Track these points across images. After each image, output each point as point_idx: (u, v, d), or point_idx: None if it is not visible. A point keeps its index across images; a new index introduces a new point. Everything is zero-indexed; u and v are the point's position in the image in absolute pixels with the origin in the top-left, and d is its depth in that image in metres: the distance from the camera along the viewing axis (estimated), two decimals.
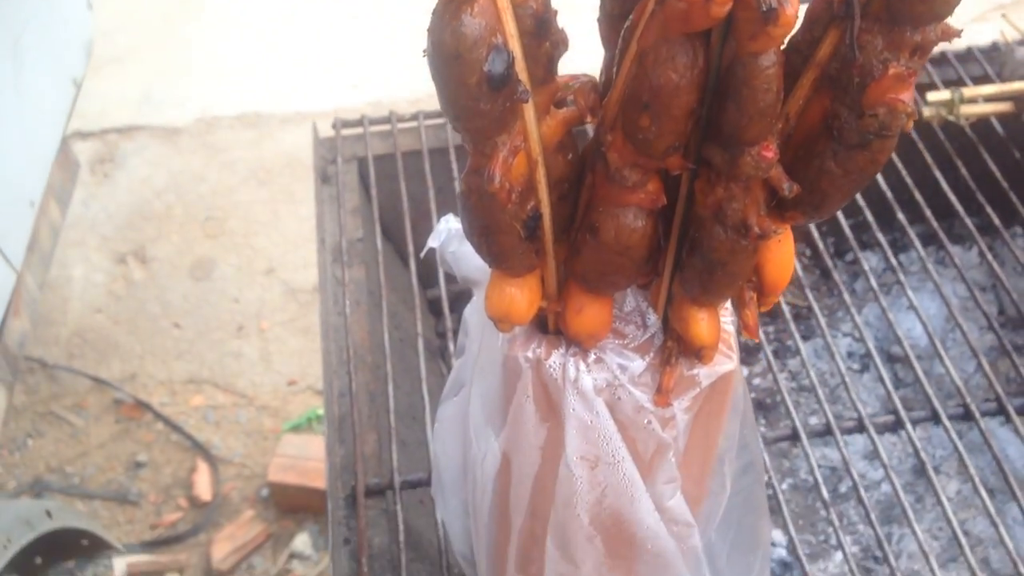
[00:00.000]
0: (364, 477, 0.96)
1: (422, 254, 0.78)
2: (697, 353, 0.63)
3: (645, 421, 0.66)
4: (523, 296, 0.61)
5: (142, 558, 2.24)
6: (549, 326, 0.66)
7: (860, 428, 0.97)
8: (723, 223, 0.55)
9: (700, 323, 0.62)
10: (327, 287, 1.11)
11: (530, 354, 0.65)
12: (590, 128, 0.57)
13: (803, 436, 0.97)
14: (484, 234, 0.57)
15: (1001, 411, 0.96)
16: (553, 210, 0.58)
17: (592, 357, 0.65)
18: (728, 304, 0.69)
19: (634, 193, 0.55)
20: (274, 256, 2.73)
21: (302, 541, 2.26)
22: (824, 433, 0.98)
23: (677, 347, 0.65)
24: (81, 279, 2.69)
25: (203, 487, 2.36)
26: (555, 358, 0.65)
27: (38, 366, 2.53)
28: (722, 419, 0.68)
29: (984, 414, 0.96)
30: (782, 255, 0.61)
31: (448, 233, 0.77)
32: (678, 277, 0.61)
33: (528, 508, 0.73)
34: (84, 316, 2.63)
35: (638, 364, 0.65)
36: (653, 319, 0.67)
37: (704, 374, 0.65)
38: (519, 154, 0.53)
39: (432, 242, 0.78)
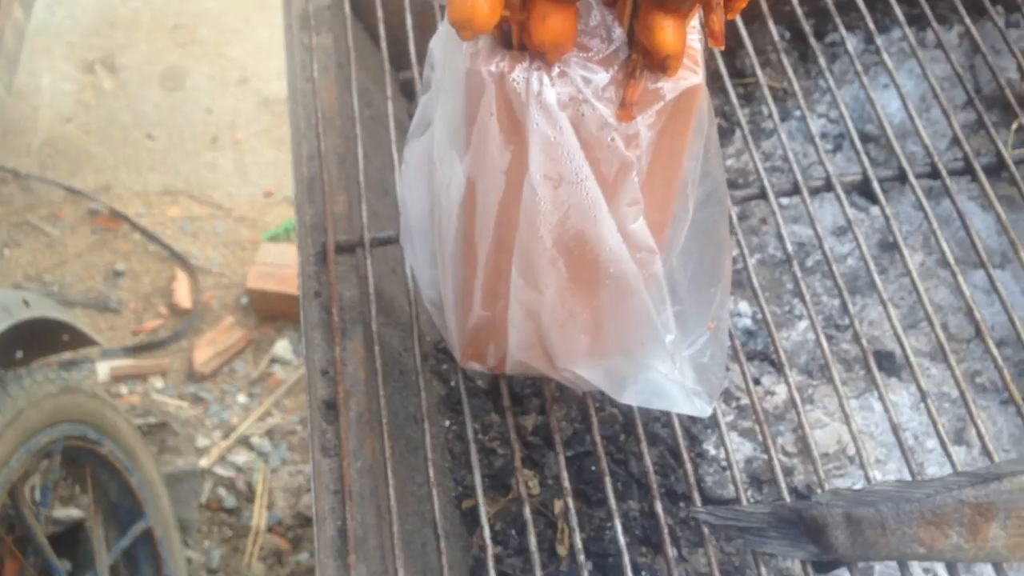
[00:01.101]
0: (334, 234, 0.96)
1: None
2: (662, 64, 0.62)
3: (609, 139, 0.65)
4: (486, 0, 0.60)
5: (124, 362, 2.28)
6: (513, 40, 0.65)
7: (828, 187, 0.98)
8: None
9: (665, 31, 0.61)
10: (294, 53, 1.09)
11: (493, 68, 0.64)
12: None
13: (771, 195, 0.98)
14: None
15: (968, 170, 0.96)
16: None
17: (556, 71, 0.64)
18: (695, 23, 0.67)
19: None
20: (247, 66, 2.67)
21: (282, 347, 2.30)
22: (792, 192, 0.99)
23: (642, 60, 0.64)
24: (50, 88, 2.62)
25: (182, 295, 2.38)
26: (518, 72, 0.64)
27: (11, 176, 2.50)
28: (686, 139, 0.67)
29: (951, 173, 0.96)
30: None
31: None
32: None
33: (493, 238, 0.74)
34: (54, 126, 2.59)
35: (602, 77, 0.64)
36: (618, 33, 0.65)
37: (669, 88, 0.64)
38: None
39: None
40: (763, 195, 0.98)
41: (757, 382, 1.15)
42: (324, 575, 0.79)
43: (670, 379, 0.76)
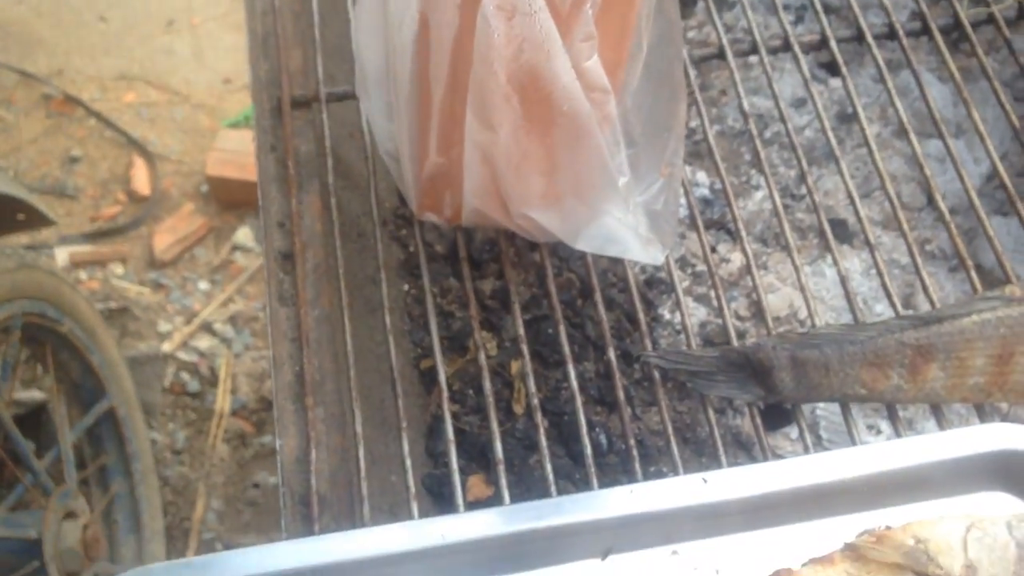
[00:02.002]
0: (289, 89, 0.95)
1: None
2: None
3: None
4: None
5: (83, 248, 2.25)
6: None
7: (786, 47, 0.98)
8: None
9: None
10: None
11: None
12: None
13: (729, 55, 0.97)
14: None
15: (925, 31, 0.96)
16: None
17: None
18: None
19: None
20: None
21: (244, 234, 2.28)
22: (750, 52, 0.98)
23: None
24: None
25: (141, 182, 2.34)
26: None
27: None
28: None
29: (909, 34, 0.96)
30: None
31: None
32: None
33: (447, 78, 0.73)
34: (5, 8, 2.51)
35: None
36: None
37: None
38: None
39: None
40: (721, 55, 0.98)
41: (713, 250, 1.17)
42: (282, 418, 0.80)
43: (624, 224, 0.77)
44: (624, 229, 0.78)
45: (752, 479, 0.75)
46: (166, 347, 2.10)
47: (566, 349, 0.90)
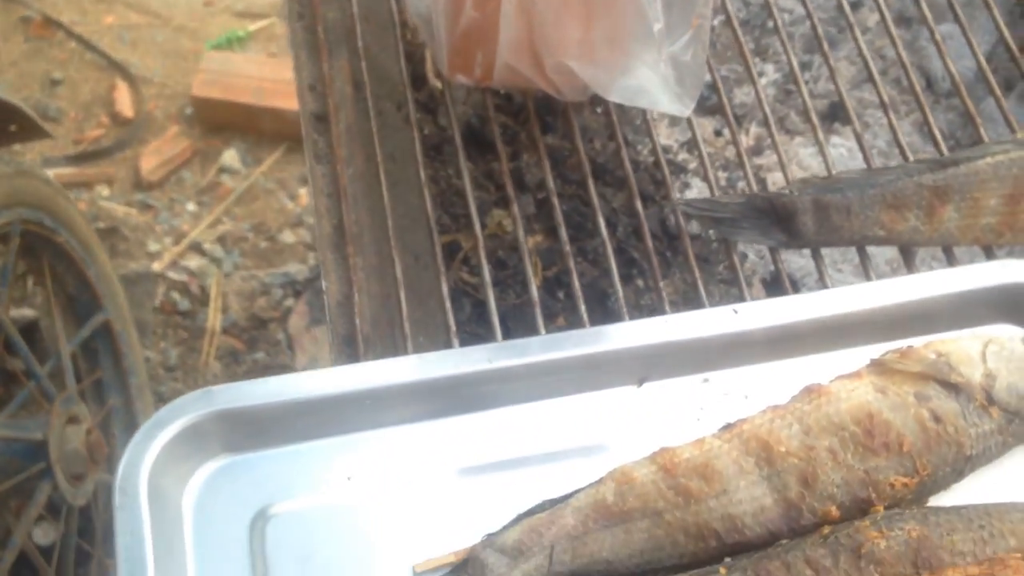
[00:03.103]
0: None
1: None
2: None
3: None
4: None
5: (68, 170, 2.24)
6: None
7: None
8: None
9: None
10: None
11: None
12: None
13: None
14: None
15: None
16: None
17: None
18: None
19: None
20: None
21: (230, 156, 2.28)
22: None
23: None
24: None
25: (124, 104, 2.33)
26: None
27: None
28: None
29: None
30: None
31: None
32: None
33: None
34: None
35: None
36: None
37: None
38: None
39: None
40: None
41: (719, 134, 1.21)
42: (325, 265, 0.83)
43: (655, 73, 0.80)
44: (655, 79, 0.81)
45: (779, 309, 0.79)
46: (156, 266, 2.10)
47: (600, 212, 0.92)
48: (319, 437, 0.74)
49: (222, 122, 2.31)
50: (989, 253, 0.85)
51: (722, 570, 0.67)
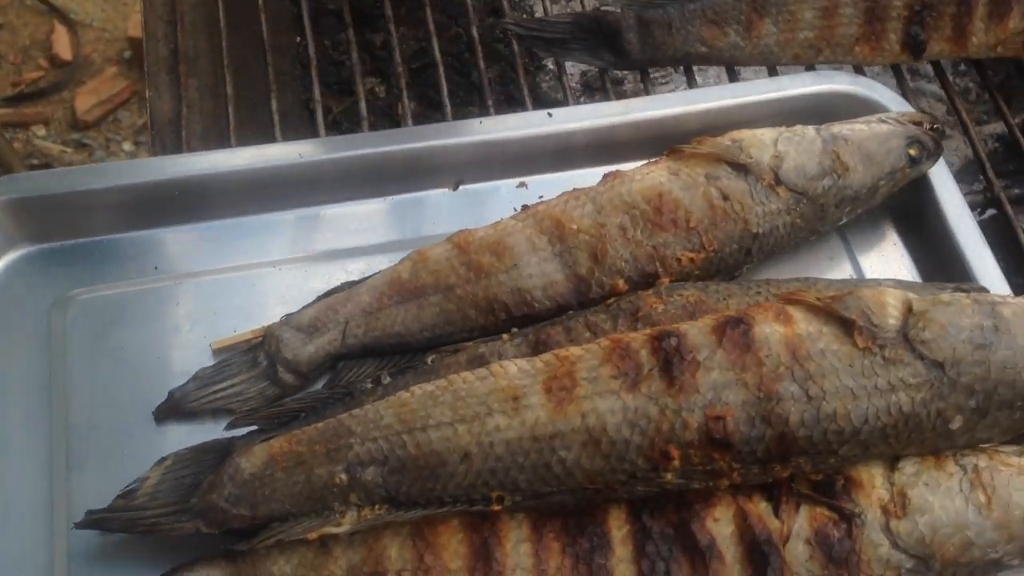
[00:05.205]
0: None
1: None
2: None
3: None
4: None
5: (5, 110, 2.25)
6: None
7: None
8: None
9: None
10: None
11: None
12: None
13: None
14: None
15: None
16: None
17: None
18: None
19: None
20: None
21: None
22: None
23: None
24: None
25: (63, 47, 2.33)
26: None
27: None
28: None
29: None
30: None
31: None
32: None
33: None
34: None
35: None
36: None
37: None
38: None
39: None
40: None
41: None
42: (157, 85, 0.84)
43: None
44: None
45: (596, 113, 0.80)
46: None
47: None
48: (128, 230, 0.75)
49: None
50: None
51: (505, 337, 0.68)
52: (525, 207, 0.73)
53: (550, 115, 0.79)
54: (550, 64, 1.17)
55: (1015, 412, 0.58)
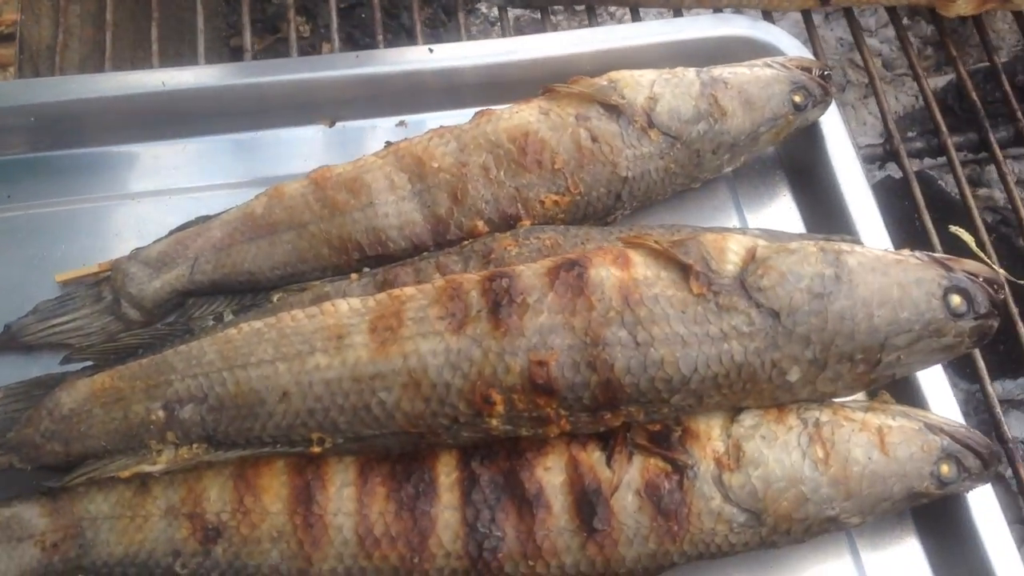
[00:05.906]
0: None
1: None
2: None
3: None
4: None
5: None
6: None
7: None
8: None
9: None
10: None
11: None
12: None
13: None
14: None
15: None
16: None
17: None
18: None
19: None
20: None
21: None
22: None
23: None
24: None
25: None
26: None
27: None
28: None
29: None
30: None
31: None
32: None
33: None
34: None
35: None
36: None
37: None
38: None
39: None
40: None
41: None
42: (35, 11, 0.81)
43: None
44: None
45: (482, 51, 0.76)
46: None
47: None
48: None
49: None
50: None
51: (354, 276, 0.65)
52: (388, 143, 0.70)
53: (431, 51, 0.76)
54: (483, 8, 1.14)
55: (857, 365, 0.55)
